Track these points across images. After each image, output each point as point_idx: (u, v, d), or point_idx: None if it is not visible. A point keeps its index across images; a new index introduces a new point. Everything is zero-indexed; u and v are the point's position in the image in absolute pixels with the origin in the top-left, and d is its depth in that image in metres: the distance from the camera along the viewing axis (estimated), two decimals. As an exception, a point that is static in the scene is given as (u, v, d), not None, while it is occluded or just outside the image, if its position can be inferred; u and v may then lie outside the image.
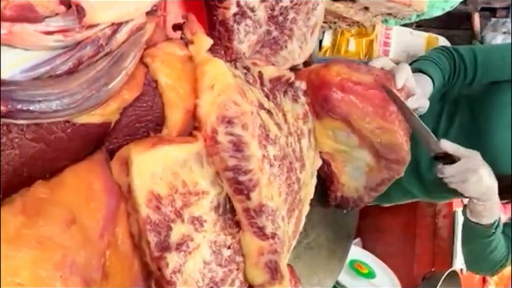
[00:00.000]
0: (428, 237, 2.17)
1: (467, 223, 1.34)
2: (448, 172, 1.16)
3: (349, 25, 2.46)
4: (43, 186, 0.71)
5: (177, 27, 0.94)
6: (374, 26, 2.89)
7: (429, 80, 1.31)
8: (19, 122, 0.68)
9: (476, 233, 1.34)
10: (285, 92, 1.04)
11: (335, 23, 2.45)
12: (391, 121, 1.07)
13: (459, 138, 1.40)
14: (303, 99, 1.09)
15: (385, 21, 2.68)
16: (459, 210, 2.08)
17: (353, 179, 1.17)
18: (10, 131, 0.68)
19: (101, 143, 0.80)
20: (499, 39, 3.03)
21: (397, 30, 3.03)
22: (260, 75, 0.99)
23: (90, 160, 0.77)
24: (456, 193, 1.45)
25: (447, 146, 1.15)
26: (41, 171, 0.73)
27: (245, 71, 0.98)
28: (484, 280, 2.48)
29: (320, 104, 1.09)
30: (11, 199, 0.69)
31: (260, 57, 1.08)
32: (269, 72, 1.01)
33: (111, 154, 0.80)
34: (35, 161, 0.72)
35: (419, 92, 1.19)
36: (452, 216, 2.13)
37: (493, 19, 3.12)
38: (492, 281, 2.49)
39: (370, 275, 1.95)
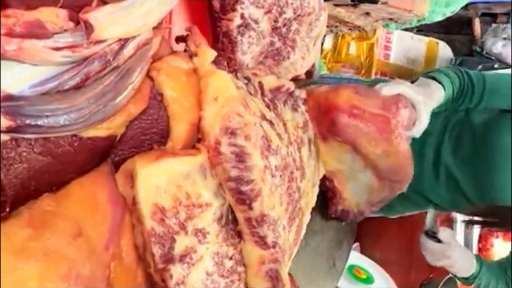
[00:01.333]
0: (426, 243, 2.18)
1: None
2: (428, 246, 1.40)
3: (350, 29, 2.48)
4: (50, 199, 0.73)
5: (180, 39, 0.95)
6: (375, 30, 2.90)
7: (441, 88, 1.33)
8: (27, 137, 0.70)
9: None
10: (285, 102, 1.05)
11: (336, 27, 2.47)
12: (396, 144, 1.09)
13: (463, 162, 1.43)
14: (302, 107, 1.10)
15: (386, 25, 2.70)
16: (457, 216, 2.10)
17: (355, 195, 1.18)
18: (18, 145, 0.69)
19: (107, 155, 0.81)
20: (499, 45, 3.04)
21: (398, 34, 3.04)
22: (261, 85, 1.00)
23: (95, 172, 0.78)
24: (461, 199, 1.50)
25: (441, 232, 1.37)
26: (48, 184, 0.74)
27: (246, 81, 0.99)
28: (481, 285, 2.50)
29: (327, 127, 1.10)
30: (18, 211, 0.70)
31: (260, 67, 1.09)
32: (269, 82, 1.02)
33: (117, 166, 0.81)
34: (42, 174, 0.73)
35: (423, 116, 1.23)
36: (450, 222, 2.14)
37: (494, 25, 3.12)
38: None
39: (368, 280, 1.97)
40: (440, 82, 1.32)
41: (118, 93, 0.75)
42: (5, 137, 0.68)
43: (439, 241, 1.38)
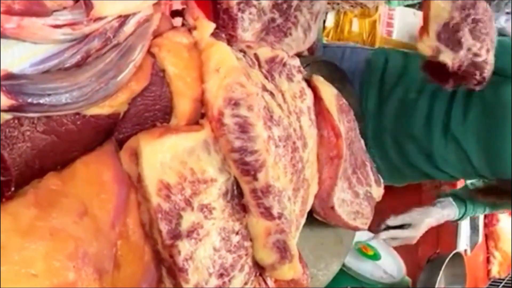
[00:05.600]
0: (432, 219, 2.19)
1: None
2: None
3: (352, 6, 2.46)
4: (55, 178, 0.72)
5: (175, 13, 0.94)
6: (377, 7, 2.88)
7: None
8: (29, 115, 0.69)
9: None
10: (280, 72, 1.04)
11: (338, 4, 2.46)
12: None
13: (472, 131, 1.45)
14: (298, 76, 1.08)
15: (389, 2, 2.68)
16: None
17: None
18: (21, 124, 0.69)
19: (110, 133, 0.80)
20: (502, 20, 3.01)
21: (400, 11, 3.01)
22: (257, 57, 0.99)
23: (100, 150, 0.78)
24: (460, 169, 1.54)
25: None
26: (53, 163, 0.74)
27: (242, 54, 0.98)
28: (488, 260, 2.51)
29: None
30: (23, 191, 0.70)
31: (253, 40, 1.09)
32: (264, 53, 1.01)
33: (121, 143, 0.80)
34: (46, 153, 0.73)
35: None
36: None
37: (494, 2, 3.10)
38: (496, 261, 2.51)
39: (375, 256, 1.97)
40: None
41: (119, 70, 0.74)
42: (7, 116, 0.68)
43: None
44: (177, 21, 0.93)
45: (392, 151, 1.59)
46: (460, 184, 2.15)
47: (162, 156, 0.77)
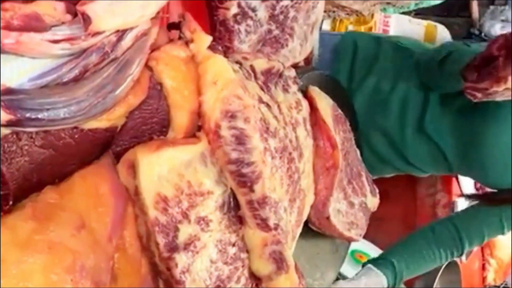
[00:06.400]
0: (428, 226, 2.20)
1: None
2: None
3: (347, 14, 2.47)
4: (53, 192, 0.73)
5: (173, 26, 0.95)
6: (372, 14, 2.90)
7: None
8: (28, 130, 0.70)
9: None
10: (276, 84, 1.05)
11: (333, 12, 2.47)
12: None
13: (450, 127, 1.39)
14: (293, 87, 1.09)
15: (384, 9, 2.68)
16: (458, 200, 2.10)
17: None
18: (20, 139, 0.70)
19: (108, 145, 0.81)
20: (497, 27, 3.03)
21: (396, 18, 3.02)
22: (253, 68, 1.00)
23: (97, 164, 0.78)
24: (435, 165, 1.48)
25: None
26: (50, 176, 0.75)
27: (238, 65, 0.99)
28: (483, 267, 2.51)
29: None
30: (21, 204, 0.71)
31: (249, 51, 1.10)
32: (260, 64, 1.02)
33: (118, 156, 0.81)
34: (44, 166, 0.73)
35: None
36: (451, 205, 2.14)
37: (492, 7, 3.12)
38: (492, 268, 2.51)
39: (371, 265, 1.98)
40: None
41: (117, 85, 0.75)
42: (6, 131, 0.68)
43: None
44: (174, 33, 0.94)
45: (363, 146, 1.46)
46: (455, 187, 2.16)
47: (159, 169, 0.78)
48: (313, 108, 1.12)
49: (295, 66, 1.18)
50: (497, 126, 1.29)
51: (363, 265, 1.33)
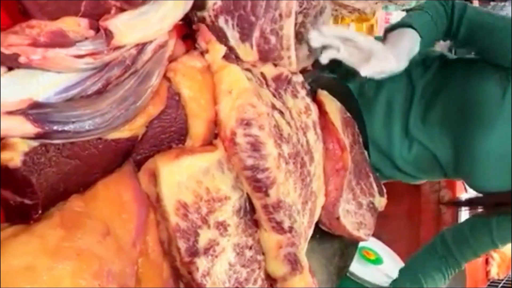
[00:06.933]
0: (432, 222, 2.23)
1: None
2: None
3: (350, 12, 2.49)
4: (79, 200, 0.76)
5: (188, 36, 0.98)
6: (374, 11, 2.91)
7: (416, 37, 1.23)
8: (55, 142, 0.73)
9: None
10: (285, 90, 1.08)
11: (336, 10, 2.49)
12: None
13: (437, 130, 1.35)
14: (302, 92, 1.11)
15: (386, 7, 2.71)
16: (462, 196, 2.13)
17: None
18: (48, 150, 0.72)
19: (129, 154, 0.84)
20: (498, 22, 3.06)
21: (397, 15, 3.04)
22: (263, 75, 1.03)
23: (119, 172, 0.81)
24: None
25: None
26: (75, 185, 0.78)
27: (249, 73, 1.01)
28: (487, 262, 2.55)
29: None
30: (49, 213, 0.74)
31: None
32: (269, 71, 1.04)
33: (138, 164, 0.84)
34: (70, 176, 0.76)
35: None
36: (454, 210, 2.17)
37: (492, 3, 3.14)
38: (495, 262, 2.55)
39: (378, 261, 2.01)
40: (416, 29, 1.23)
41: (138, 97, 0.78)
42: (34, 143, 0.71)
43: None
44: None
45: None
46: (458, 183, 2.19)
47: (179, 176, 0.81)
48: (322, 112, 1.14)
49: (303, 70, 1.21)
50: (483, 129, 1.26)
51: None
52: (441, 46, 2.74)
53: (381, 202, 1.30)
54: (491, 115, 1.25)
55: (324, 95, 1.17)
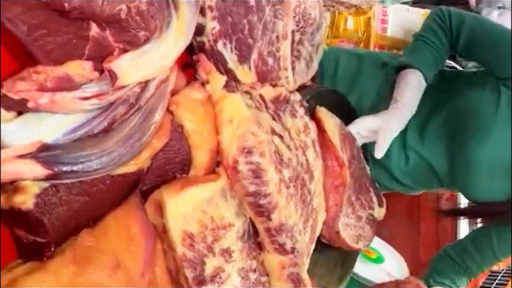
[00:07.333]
0: (432, 219, 2.27)
1: None
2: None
3: (347, 7, 2.50)
4: (89, 235, 0.79)
5: (187, 65, 1.00)
6: (371, 6, 2.93)
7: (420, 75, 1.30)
8: (65, 182, 0.76)
9: None
10: (284, 110, 1.10)
11: (333, 6, 2.50)
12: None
13: (434, 141, 1.39)
14: (300, 111, 1.14)
15: (382, 1, 2.73)
16: (460, 195, 2.16)
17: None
18: (58, 190, 0.75)
19: (135, 185, 0.87)
20: (495, 14, 3.05)
21: (394, 8, 3.05)
22: (263, 98, 1.05)
23: (127, 204, 0.84)
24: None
25: None
26: (86, 220, 0.81)
27: (248, 96, 1.03)
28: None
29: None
30: (61, 249, 0.77)
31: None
32: (268, 93, 1.06)
33: (144, 194, 0.87)
34: (80, 212, 0.79)
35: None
36: (454, 198, 2.20)
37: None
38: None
39: (379, 260, 2.04)
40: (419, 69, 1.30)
41: (143, 133, 0.81)
42: (45, 184, 0.74)
43: None
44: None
45: None
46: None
47: (184, 208, 0.84)
48: (321, 129, 1.17)
49: (302, 86, 1.23)
50: (477, 139, 1.29)
51: None
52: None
53: (380, 212, 1.33)
54: (486, 125, 1.28)
55: (323, 112, 1.19)
